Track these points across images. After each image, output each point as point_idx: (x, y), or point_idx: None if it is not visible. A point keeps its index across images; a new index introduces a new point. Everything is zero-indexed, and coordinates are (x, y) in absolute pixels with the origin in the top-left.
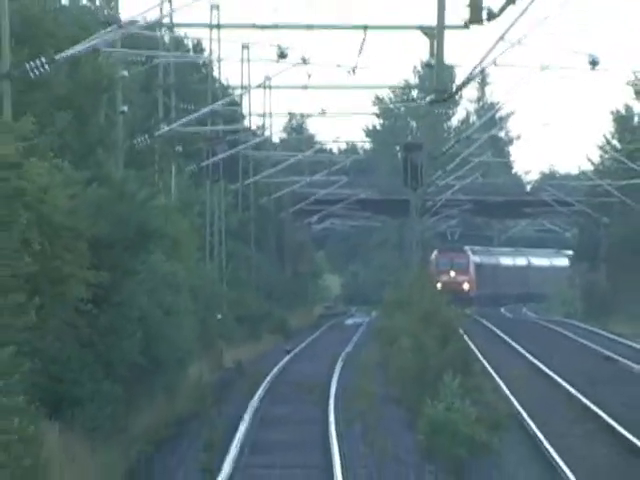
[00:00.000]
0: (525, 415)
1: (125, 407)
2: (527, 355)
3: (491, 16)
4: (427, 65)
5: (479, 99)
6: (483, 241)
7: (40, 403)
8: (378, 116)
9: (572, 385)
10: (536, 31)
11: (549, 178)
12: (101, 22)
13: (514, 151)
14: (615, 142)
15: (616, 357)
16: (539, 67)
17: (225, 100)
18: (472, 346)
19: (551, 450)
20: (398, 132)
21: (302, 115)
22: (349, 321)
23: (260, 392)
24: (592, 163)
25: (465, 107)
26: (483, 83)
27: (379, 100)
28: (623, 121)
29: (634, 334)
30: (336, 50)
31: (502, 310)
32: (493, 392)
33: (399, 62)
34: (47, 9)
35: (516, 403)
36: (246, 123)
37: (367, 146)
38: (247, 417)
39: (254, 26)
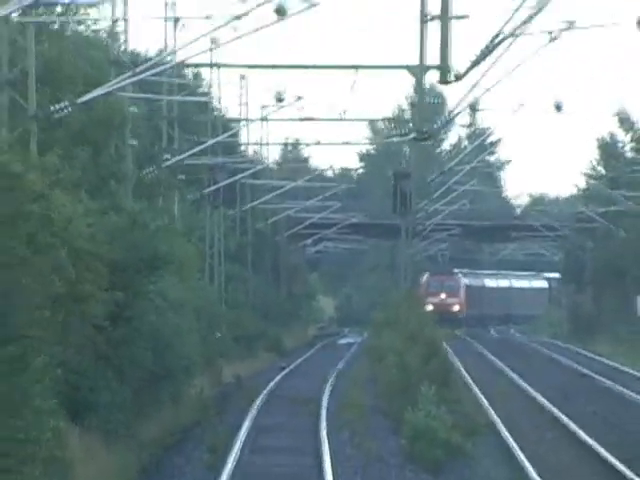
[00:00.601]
0: (500, 424)
1: (135, 414)
2: (509, 372)
3: (458, 78)
4: (412, 104)
5: (470, 124)
6: (473, 264)
7: (62, 408)
8: (371, 143)
9: (547, 398)
10: (512, 76)
11: (538, 202)
12: (112, 61)
13: (504, 175)
14: (600, 168)
15: (592, 374)
16: (512, 109)
17: (227, 135)
18: (458, 363)
19: (520, 453)
20: (392, 156)
21: (297, 144)
22: (342, 341)
23: (257, 404)
24: (578, 189)
25: (457, 132)
26: (474, 109)
27: (373, 125)
28: (608, 148)
29: (614, 353)
30: (330, 86)
31: (491, 331)
32: (471, 403)
33: (392, 94)
34: (65, 49)
35: (493, 413)
36: (243, 148)
37: (361, 170)
38: (246, 425)
39: (253, 66)
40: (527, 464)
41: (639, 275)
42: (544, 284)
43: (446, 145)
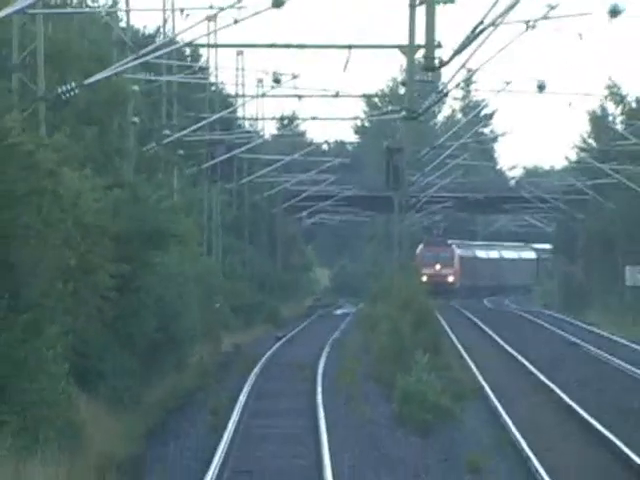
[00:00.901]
0: (487, 388)
1: (141, 381)
2: (499, 340)
3: (442, 64)
4: (402, 83)
5: (464, 97)
6: (467, 235)
7: (70, 375)
8: (364, 118)
9: (534, 365)
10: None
11: (532, 174)
12: (114, 42)
13: (499, 148)
14: (591, 141)
15: (581, 343)
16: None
17: (225, 112)
18: (450, 332)
19: (505, 415)
20: (386, 129)
21: (293, 118)
22: (338, 311)
23: (256, 371)
24: (569, 161)
25: (451, 105)
26: (468, 82)
27: (368, 98)
28: (599, 121)
29: (604, 322)
30: (325, 64)
31: (485, 301)
32: (461, 369)
33: (386, 72)
34: (70, 30)
35: (481, 379)
36: (240, 123)
37: (356, 143)
38: (245, 390)
39: (250, 45)
40: (511, 425)
41: (628, 246)
42: (533, 255)
43: (440, 117)
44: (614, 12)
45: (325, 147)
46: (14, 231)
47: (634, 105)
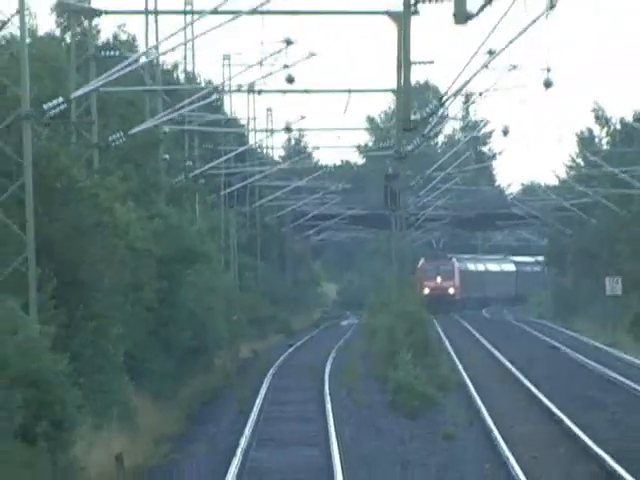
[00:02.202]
0: (468, 382)
1: (176, 378)
2: (487, 344)
3: (417, 124)
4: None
5: (464, 117)
6: (467, 250)
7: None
8: (369, 133)
9: (513, 364)
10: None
11: (529, 191)
12: (147, 91)
13: (497, 165)
14: (580, 161)
15: (561, 346)
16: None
17: (241, 149)
18: (445, 339)
19: (479, 402)
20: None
21: (300, 137)
22: (344, 322)
23: (272, 371)
24: (559, 180)
25: (452, 125)
26: (467, 103)
27: (370, 120)
28: (586, 142)
29: (587, 329)
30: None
31: (483, 312)
32: (449, 367)
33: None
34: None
35: (465, 375)
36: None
37: (360, 163)
38: (264, 386)
39: (266, 91)
40: (483, 409)
41: (608, 259)
42: (512, 267)
43: (441, 137)
44: (547, 84)
45: (330, 164)
46: (83, 257)
47: (618, 127)
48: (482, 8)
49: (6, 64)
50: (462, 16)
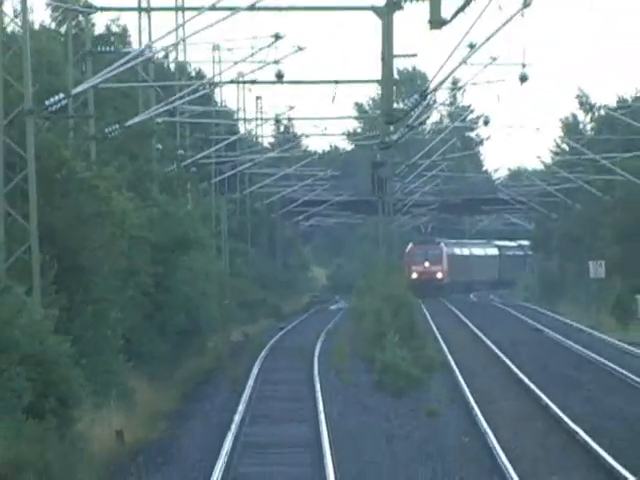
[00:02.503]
0: (453, 363)
1: (172, 359)
2: (473, 327)
3: (399, 119)
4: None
5: (452, 103)
6: (455, 234)
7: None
8: (358, 120)
9: (497, 346)
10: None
11: (516, 175)
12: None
13: (484, 151)
14: (565, 146)
15: (544, 328)
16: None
17: (232, 139)
18: (431, 321)
19: (462, 382)
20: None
21: (289, 126)
22: (333, 307)
23: (263, 353)
24: (545, 165)
25: (440, 111)
26: (454, 88)
27: (358, 106)
28: (571, 128)
29: (571, 312)
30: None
31: (471, 296)
32: (433, 348)
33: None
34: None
35: (449, 356)
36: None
37: (349, 148)
38: (256, 366)
39: (254, 82)
40: (465, 387)
41: (591, 243)
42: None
43: (429, 124)
44: (523, 79)
45: (320, 152)
46: (84, 244)
47: (602, 113)
48: (455, 14)
49: (8, 60)
50: (437, 22)
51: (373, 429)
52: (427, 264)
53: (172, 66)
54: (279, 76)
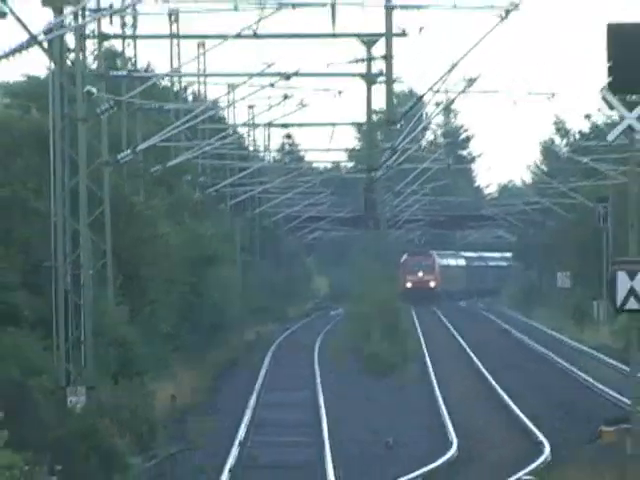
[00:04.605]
0: (426, 354)
1: (202, 350)
2: (451, 328)
3: (396, 121)
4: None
5: (445, 123)
6: (446, 246)
7: None
8: (359, 140)
9: (467, 343)
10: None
11: (504, 190)
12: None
13: (476, 168)
14: (543, 167)
15: (512, 329)
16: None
17: (245, 173)
18: (416, 322)
19: (430, 368)
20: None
21: (292, 143)
22: (332, 312)
23: (273, 348)
24: (523, 183)
25: (433, 131)
26: (448, 110)
27: (358, 125)
28: (548, 151)
29: (541, 317)
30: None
31: (460, 303)
32: (412, 344)
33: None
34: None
35: (425, 349)
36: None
37: (350, 165)
38: (269, 355)
39: (271, 124)
40: (431, 370)
41: (560, 255)
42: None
43: (424, 142)
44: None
45: (322, 167)
46: (143, 260)
47: (577, 137)
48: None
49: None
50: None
51: (357, 395)
52: (421, 274)
53: (190, 97)
54: (288, 136)
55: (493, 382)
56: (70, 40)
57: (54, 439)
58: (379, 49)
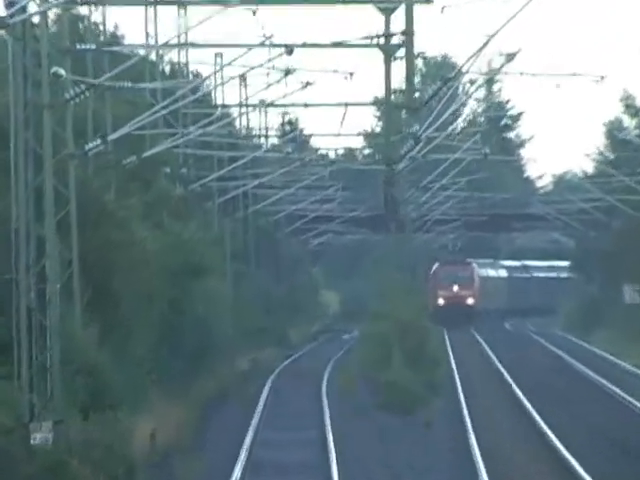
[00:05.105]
0: (459, 387)
1: (186, 378)
2: (491, 356)
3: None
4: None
5: (487, 98)
6: (488, 253)
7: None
8: (379, 119)
9: (508, 372)
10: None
11: (561, 183)
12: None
13: (526, 154)
14: (609, 154)
15: (565, 356)
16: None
17: (236, 165)
18: (449, 347)
19: (464, 404)
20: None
21: (295, 124)
22: (346, 336)
23: (272, 377)
24: (585, 174)
25: (472, 107)
26: (490, 81)
27: (378, 101)
28: (614, 134)
29: (605, 340)
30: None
31: (506, 325)
32: (442, 373)
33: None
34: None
35: (457, 380)
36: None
37: (366, 152)
38: (266, 390)
39: (271, 105)
40: (464, 406)
41: (628, 264)
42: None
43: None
44: None
45: (332, 155)
46: (115, 271)
47: None
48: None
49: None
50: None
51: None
52: (456, 288)
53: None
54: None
55: (539, 420)
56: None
57: None
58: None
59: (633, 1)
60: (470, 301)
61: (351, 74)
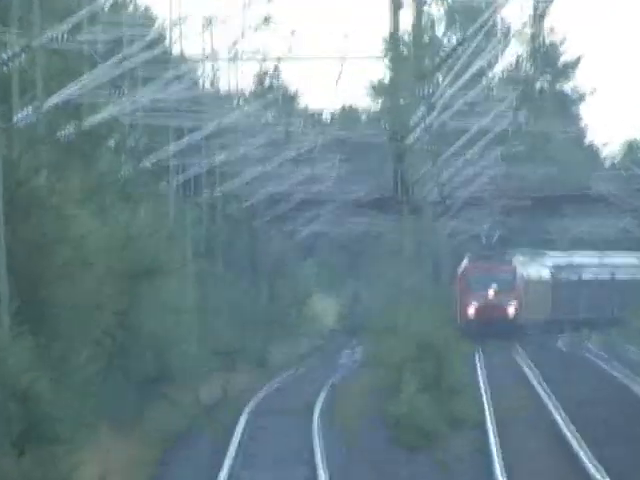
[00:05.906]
0: (488, 420)
1: (137, 409)
2: (535, 383)
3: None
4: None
5: (534, 37)
6: (538, 245)
7: None
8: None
9: (554, 396)
10: None
11: (632, 152)
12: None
13: (585, 112)
14: None
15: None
16: None
17: (209, 128)
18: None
19: (492, 440)
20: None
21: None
22: (343, 360)
23: (248, 408)
24: None
25: (516, 50)
26: (539, 17)
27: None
28: None
29: None
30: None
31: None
32: (467, 399)
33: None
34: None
35: (487, 412)
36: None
37: (373, 109)
38: (241, 424)
39: (249, 58)
40: (492, 442)
41: None
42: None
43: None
44: None
45: (327, 117)
46: (47, 274)
47: None
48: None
49: None
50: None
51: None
52: (492, 293)
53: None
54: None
55: (587, 463)
56: None
57: None
58: None
59: None
60: (511, 310)
61: (346, 36)
